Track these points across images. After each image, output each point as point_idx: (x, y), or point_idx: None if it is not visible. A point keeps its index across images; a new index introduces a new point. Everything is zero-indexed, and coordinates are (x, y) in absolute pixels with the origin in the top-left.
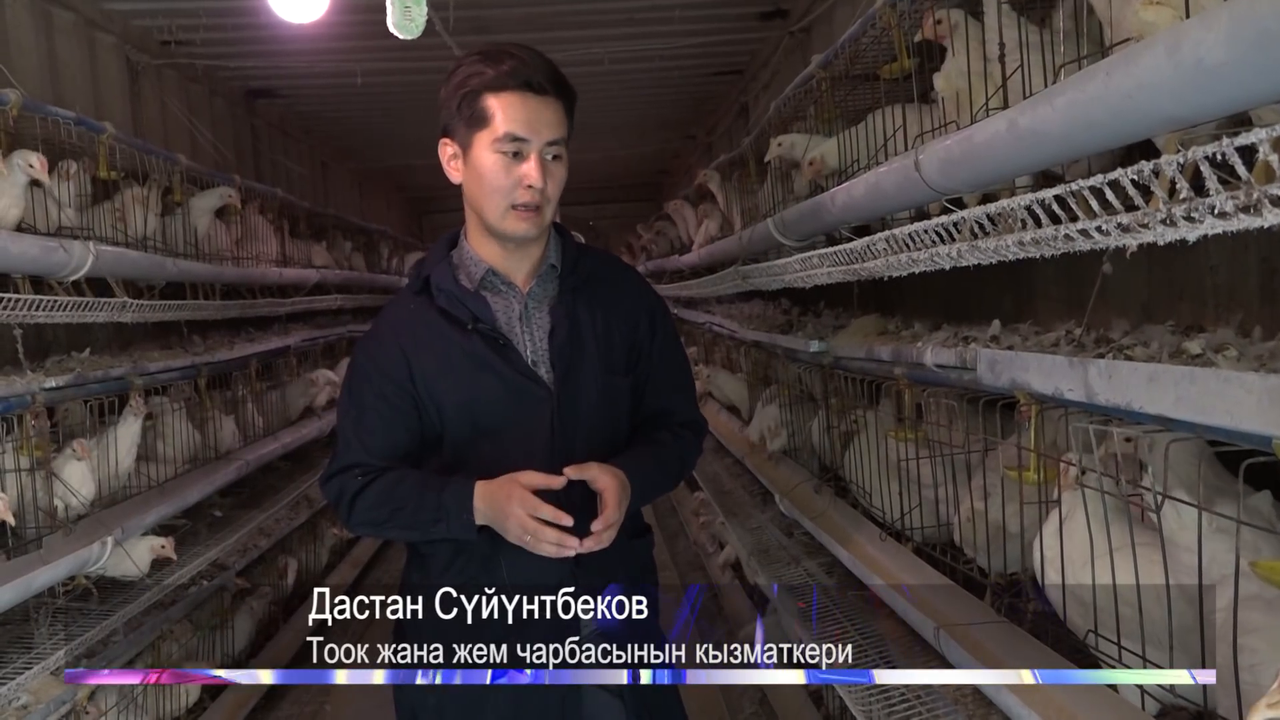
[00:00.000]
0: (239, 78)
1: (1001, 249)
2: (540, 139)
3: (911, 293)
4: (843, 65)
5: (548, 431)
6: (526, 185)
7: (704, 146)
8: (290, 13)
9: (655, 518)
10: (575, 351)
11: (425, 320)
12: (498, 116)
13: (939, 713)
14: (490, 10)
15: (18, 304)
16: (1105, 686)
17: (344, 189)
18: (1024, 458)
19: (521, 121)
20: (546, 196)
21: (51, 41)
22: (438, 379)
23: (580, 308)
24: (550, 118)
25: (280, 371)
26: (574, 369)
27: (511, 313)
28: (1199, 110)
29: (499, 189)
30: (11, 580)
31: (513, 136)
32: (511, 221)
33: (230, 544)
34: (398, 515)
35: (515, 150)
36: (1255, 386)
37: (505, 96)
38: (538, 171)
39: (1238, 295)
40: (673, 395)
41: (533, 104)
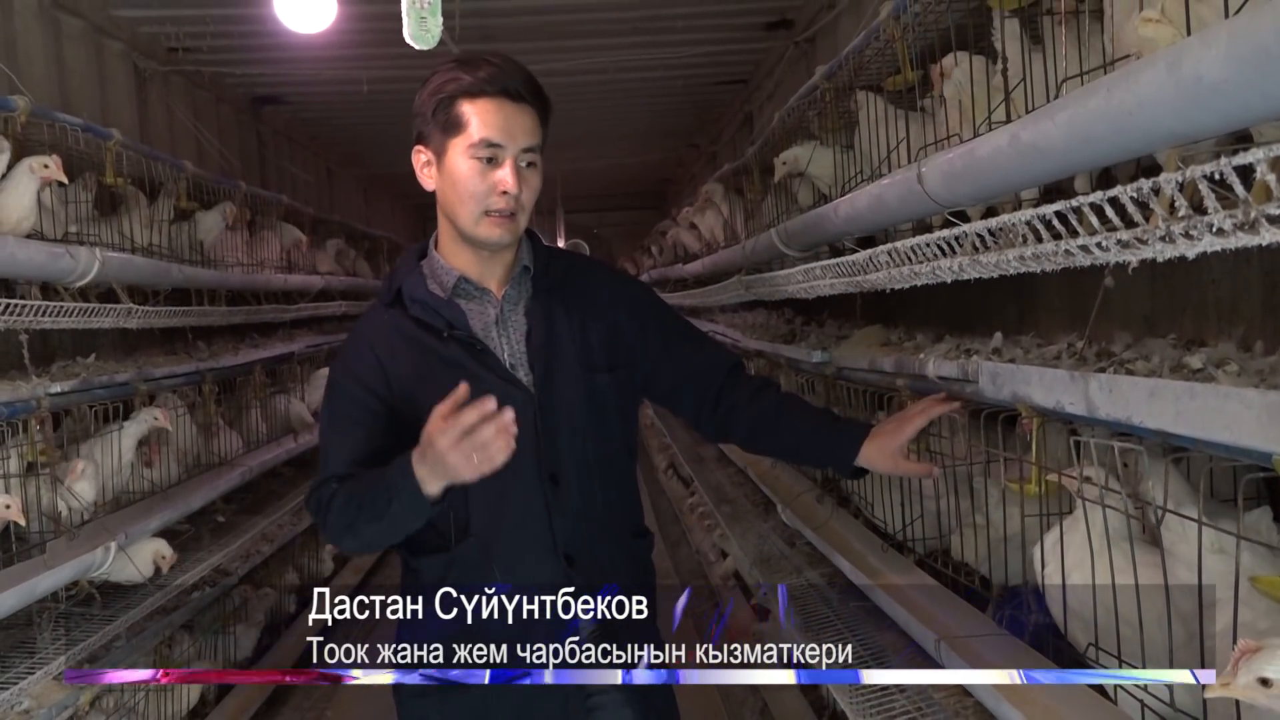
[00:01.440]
0: (245, 85)
1: (1003, 263)
2: (516, 145)
3: (914, 303)
4: (847, 76)
5: (531, 433)
6: (501, 191)
7: (708, 156)
8: (298, 23)
9: (658, 526)
10: (553, 352)
11: (400, 330)
12: (473, 122)
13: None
14: (496, 20)
15: (24, 309)
16: (1107, 701)
17: (349, 195)
18: (1026, 470)
19: (497, 127)
20: (521, 204)
21: (60, 48)
22: (416, 388)
23: (556, 308)
24: (526, 124)
25: (285, 377)
26: (553, 369)
27: (487, 318)
28: (1199, 127)
29: (474, 195)
30: (15, 585)
31: (488, 142)
32: (486, 228)
33: (233, 549)
34: (362, 511)
35: (490, 156)
36: (1255, 403)
37: (481, 102)
38: (513, 178)
39: (1240, 309)
40: (703, 350)
41: (508, 110)
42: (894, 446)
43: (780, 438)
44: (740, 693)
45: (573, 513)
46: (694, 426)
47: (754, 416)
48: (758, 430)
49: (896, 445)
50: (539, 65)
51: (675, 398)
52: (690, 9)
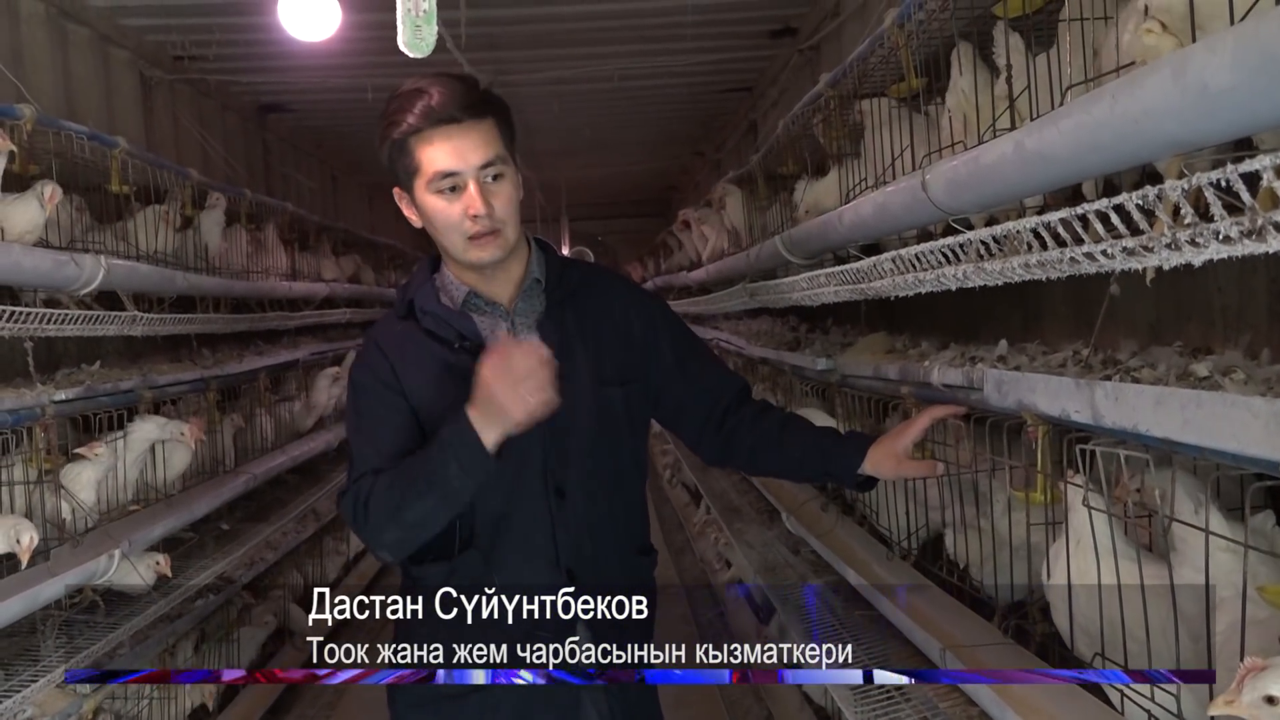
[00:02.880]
0: (251, 93)
1: (1007, 271)
2: (470, 166)
3: (919, 310)
4: (851, 84)
5: (540, 447)
6: (472, 215)
7: (712, 163)
8: (303, 31)
9: (662, 534)
10: (565, 363)
11: (413, 340)
12: (424, 159)
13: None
14: (501, 27)
15: (29, 317)
16: (1113, 711)
17: (354, 202)
18: (1030, 477)
19: (447, 156)
20: (498, 218)
21: (66, 57)
22: (428, 398)
23: (569, 321)
24: (476, 141)
25: (289, 384)
26: (564, 381)
27: (498, 330)
28: (1204, 134)
29: (450, 226)
30: (19, 592)
31: (442, 174)
32: (474, 252)
33: (237, 557)
34: (411, 488)
35: (451, 185)
36: (1261, 411)
37: (425, 137)
38: (478, 200)
39: (1246, 316)
40: (714, 372)
41: (454, 135)
42: (898, 449)
43: (784, 453)
44: (745, 701)
45: (577, 526)
46: (694, 448)
47: (757, 436)
48: (761, 449)
49: (901, 448)
50: (544, 73)
51: (680, 416)
52: (695, 17)
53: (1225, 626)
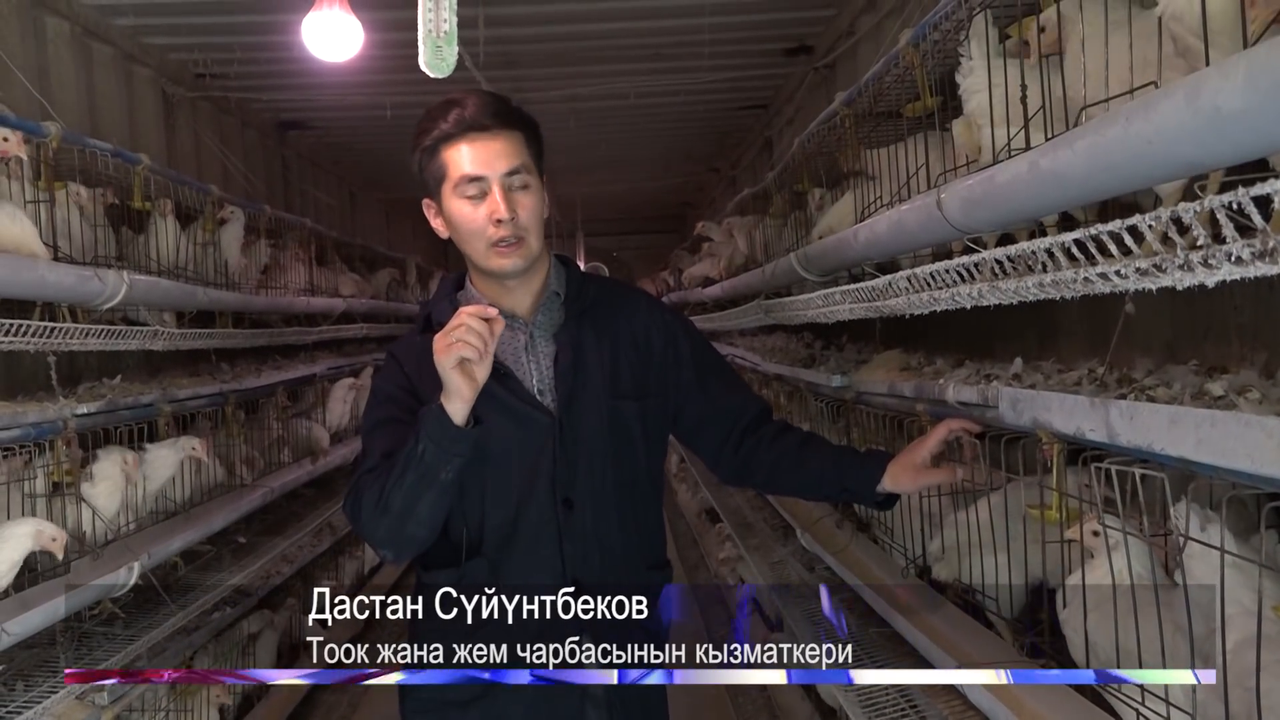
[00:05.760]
0: (271, 110)
1: (1022, 290)
2: (496, 171)
3: (934, 327)
4: (866, 103)
5: (550, 457)
6: (495, 220)
7: (728, 180)
8: (326, 52)
9: (676, 551)
10: (578, 377)
11: (430, 354)
12: (452, 165)
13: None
14: (519, 46)
15: (54, 332)
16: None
17: (371, 218)
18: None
19: (474, 161)
20: (521, 226)
21: (91, 75)
22: None
23: (586, 333)
24: (502, 149)
25: (306, 398)
26: (577, 394)
27: (517, 344)
28: (1217, 156)
29: (474, 232)
30: (40, 604)
31: (469, 177)
32: (496, 259)
33: (254, 570)
34: (390, 472)
35: (477, 190)
36: (1276, 431)
37: (455, 144)
38: (503, 204)
39: (1262, 336)
40: (736, 391)
41: (482, 142)
42: (915, 461)
43: (804, 471)
44: (751, 709)
45: (585, 539)
46: (712, 467)
47: (777, 455)
48: (779, 468)
49: (918, 460)
50: (561, 90)
51: (699, 434)
52: (711, 35)
53: (1234, 644)
